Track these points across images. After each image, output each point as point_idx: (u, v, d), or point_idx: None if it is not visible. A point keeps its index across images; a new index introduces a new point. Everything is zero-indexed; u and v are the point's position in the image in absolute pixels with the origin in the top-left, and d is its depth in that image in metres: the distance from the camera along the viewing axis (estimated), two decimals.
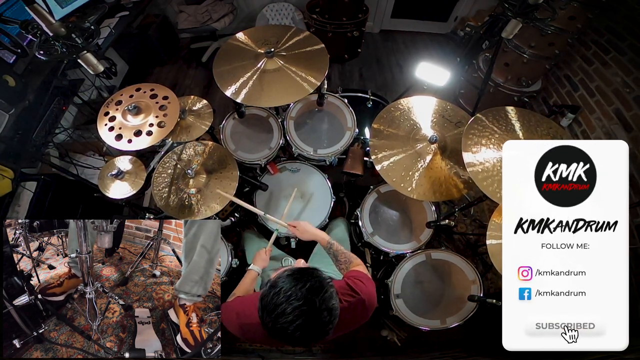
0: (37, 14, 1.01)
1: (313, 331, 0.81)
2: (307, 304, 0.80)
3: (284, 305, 0.79)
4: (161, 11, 3.57)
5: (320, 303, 0.81)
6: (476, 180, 1.21)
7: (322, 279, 0.87)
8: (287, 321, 0.79)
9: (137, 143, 1.37)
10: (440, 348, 2.02)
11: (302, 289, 0.81)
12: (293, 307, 0.79)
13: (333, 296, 0.85)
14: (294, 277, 0.85)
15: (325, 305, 0.82)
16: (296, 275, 0.85)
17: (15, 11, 1.78)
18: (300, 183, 1.83)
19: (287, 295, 0.81)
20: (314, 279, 0.85)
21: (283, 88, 1.49)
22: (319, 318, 0.81)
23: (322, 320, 0.81)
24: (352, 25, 3.28)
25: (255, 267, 1.35)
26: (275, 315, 0.80)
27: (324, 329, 0.82)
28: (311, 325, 0.80)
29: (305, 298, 0.80)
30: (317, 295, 0.81)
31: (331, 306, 0.83)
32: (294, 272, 0.87)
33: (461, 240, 2.40)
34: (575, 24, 2.23)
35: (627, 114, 2.06)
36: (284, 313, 0.79)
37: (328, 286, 0.86)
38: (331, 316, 0.83)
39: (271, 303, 0.82)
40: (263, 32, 1.67)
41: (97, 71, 1.21)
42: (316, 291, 0.82)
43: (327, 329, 0.83)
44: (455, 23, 3.93)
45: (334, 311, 0.84)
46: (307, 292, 0.81)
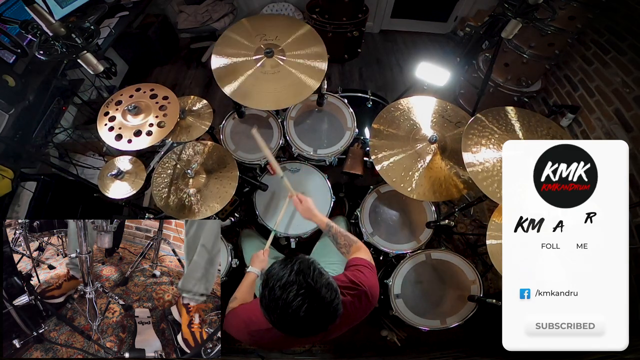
0: (37, 14, 1.01)
1: (323, 311, 0.81)
2: (303, 286, 0.80)
3: (284, 296, 0.79)
4: (161, 11, 3.57)
5: (315, 281, 0.81)
6: (476, 180, 1.21)
7: (303, 258, 0.87)
8: (295, 309, 0.78)
9: (137, 143, 1.37)
10: (440, 348, 2.02)
11: (291, 274, 0.82)
12: (293, 293, 0.79)
13: (322, 272, 0.86)
14: (279, 268, 0.85)
15: (320, 282, 0.82)
16: (281, 266, 0.86)
17: (15, 11, 1.78)
18: (300, 183, 1.83)
19: (281, 286, 0.81)
20: (297, 262, 0.85)
21: (283, 88, 1.49)
22: (322, 295, 0.80)
23: (326, 297, 0.81)
24: (352, 25, 3.28)
25: (253, 269, 1.34)
26: (281, 310, 0.80)
27: (332, 305, 0.82)
28: (318, 304, 0.80)
29: (299, 281, 0.80)
30: (308, 275, 0.82)
31: (327, 281, 0.84)
32: (278, 263, 0.88)
33: (461, 240, 2.40)
34: (575, 24, 2.24)
35: (626, 114, 2.06)
36: (287, 303, 0.79)
37: (314, 264, 0.86)
38: (331, 290, 0.83)
39: (272, 301, 0.81)
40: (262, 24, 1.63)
41: (97, 71, 1.21)
42: (305, 272, 0.82)
43: (335, 306, 0.83)
44: (455, 23, 3.94)
45: (332, 285, 0.84)
46: (296, 276, 0.81)
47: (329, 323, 0.83)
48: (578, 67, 2.50)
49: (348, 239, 1.24)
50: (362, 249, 1.20)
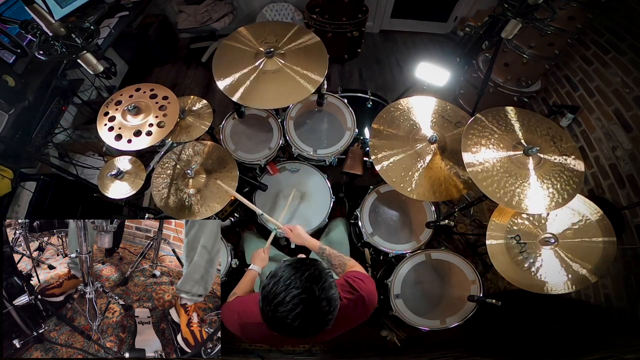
0: (37, 14, 1.01)
1: (312, 320, 0.81)
2: (306, 292, 0.79)
3: (283, 294, 0.79)
4: (161, 11, 3.57)
5: (319, 292, 0.80)
6: (476, 180, 1.21)
7: (321, 268, 0.86)
8: (286, 310, 0.78)
9: (137, 143, 1.37)
10: (440, 348, 2.02)
11: (301, 278, 0.81)
12: (292, 295, 0.78)
13: (332, 286, 0.85)
14: (293, 266, 0.85)
15: (325, 294, 0.81)
16: (295, 265, 0.85)
17: (15, 11, 1.78)
18: (300, 183, 1.83)
19: (286, 283, 0.80)
20: (313, 268, 0.85)
21: (283, 88, 1.49)
22: (318, 307, 0.80)
23: (322, 310, 0.81)
24: (352, 25, 3.28)
25: (254, 267, 1.35)
26: (274, 305, 0.80)
27: (324, 319, 0.82)
28: (310, 314, 0.80)
29: (304, 287, 0.80)
30: (316, 284, 0.81)
31: (330, 296, 0.83)
32: (294, 262, 0.87)
33: (461, 240, 2.40)
34: (575, 24, 2.24)
35: (626, 114, 2.06)
36: (283, 302, 0.79)
37: (327, 276, 0.85)
38: (330, 306, 0.82)
39: (271, 292, 0.81)
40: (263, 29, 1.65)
41: (97, 71, 1.21)
42: (315, 280, 0.82)
43: (326, 319, 0.82)
44: (455, 23, 3.94)
45: (334, 302, 0.84)
46: (306, 281, 0.81)
47: (314, 332, 0.83)
48: (578, 67, 2.50)
49: (342, 259, 1.25)
50: (357, 266, 1.21)
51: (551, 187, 1.22)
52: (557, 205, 1.20)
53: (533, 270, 1.34)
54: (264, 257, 1.39)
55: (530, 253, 1.36)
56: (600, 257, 1.31)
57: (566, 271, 1.31)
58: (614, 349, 1.44)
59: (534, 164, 1.25)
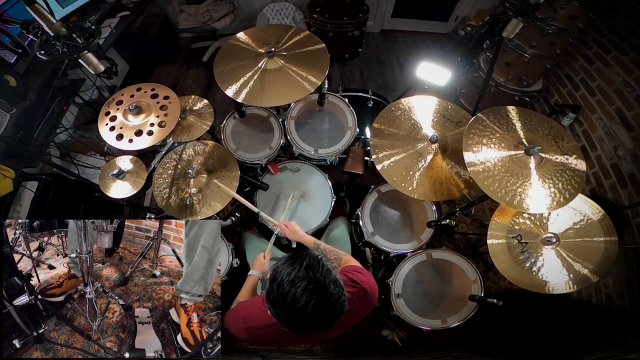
0: (38, 13, 1.01)
1: (329, 307, 0.80)
2: (312, 282, 0.79)
3: (293, 291, 0.78)
4: (162, 11, 3.57)
5: (323, 277, 0.81)
6: (477, 179, 1.21)
7: (314, 255, 0.86)
8: (302, 305, 0.77)
9: (138, 143, 1.37)
10: (441, 348, 2.02)
11: (301, 269, 0.81)
12: (301, 289, 0.78)
13: (331, 269, 0.85)
14: (288, 262, 0.85)
15: (329, 278, 0.82)
16: (290, 261, 0.85)
17: (16, 11, 1.79)
18: (301, 183, 1.83)
19: (290, 281, 0.80)
20: (307, 257, 0.85)
21: (284, 88, 1.49)
22: (329, 292, 0.80)
23: (333, 294, 0.80)
24: (353, 24, 3.28)
25: (255, 272, 1.33)
26: (288, 305, 0.79)
27: (339, 302, 0.81)
28: (325, 301, 0.79)
29: (308, 276, 0.80)
30: (317, 270, 0.81)
31: (334, 278, 0.83)
32: (286, 259, 0.87)
33: (462, 239, 2.40)
34: (577, 24, 2.23)
35: (628, 113, 2.05)
36: (295, 299, 0.78)
37: (322, 261, 0.86)
38: (339, 287, 0.82)
39: (279, 296, 0.80)
40: (264, 32, 1.67)
41: (98, 71, 1.21)
42: (314, 267, 0.82)
43: (341, 303, 0.82)
44: (456, 22, 3.93)
45: (340, 282, 0.84)
46: (306, 271, 0.81)
47: (334, 319, 0.83)
48: (579, 66, 2.49)
49: (337, 253, 1.25)
50: (352, 260, 1.21)
51: (553, 187, 1.21)
52: (558, 205, 1.19)
53: (534, 270, 1.33)
54: (264, 262, 1.37)
55: (532, 253, 1.36)
56: (601, 257, 1.30)
57: (567, 271, 1.31)
58: (615, 349, 1.43)
59: (535, 163, 1.24)
